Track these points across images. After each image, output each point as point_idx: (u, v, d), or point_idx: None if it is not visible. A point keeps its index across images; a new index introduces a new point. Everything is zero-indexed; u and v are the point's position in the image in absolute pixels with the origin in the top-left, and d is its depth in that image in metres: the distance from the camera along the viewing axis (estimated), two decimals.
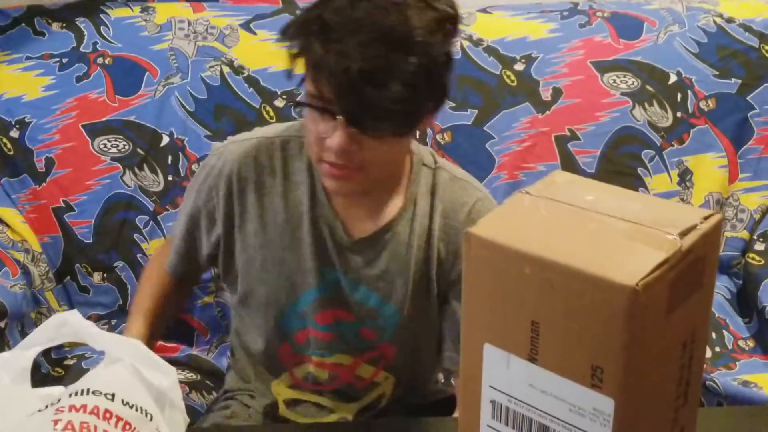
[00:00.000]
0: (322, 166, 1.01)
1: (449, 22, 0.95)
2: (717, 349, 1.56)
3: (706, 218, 0.56)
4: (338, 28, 0.91)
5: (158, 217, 1.62)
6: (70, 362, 1.51)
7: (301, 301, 1.12)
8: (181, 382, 1.52)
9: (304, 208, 1.09)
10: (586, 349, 0.54)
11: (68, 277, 1.63)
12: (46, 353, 1.50)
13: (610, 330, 0.52)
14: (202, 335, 1.61)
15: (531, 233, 0.57)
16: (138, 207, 1.62)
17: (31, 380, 0.72)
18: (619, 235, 0.55)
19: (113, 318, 1.63)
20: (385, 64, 0.89)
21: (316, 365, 1.17)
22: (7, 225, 1.58)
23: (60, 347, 1.56)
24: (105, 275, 1.63)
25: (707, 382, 1.39)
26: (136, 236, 1.62)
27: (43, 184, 1.62)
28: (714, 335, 1.58)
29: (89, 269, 1.62)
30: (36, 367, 1.55)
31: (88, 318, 1.63)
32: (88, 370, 1.47)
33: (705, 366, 1.51)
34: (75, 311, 0.72)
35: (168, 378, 0.69)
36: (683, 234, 0.54)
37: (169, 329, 1.41)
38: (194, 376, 1.55)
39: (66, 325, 0.71)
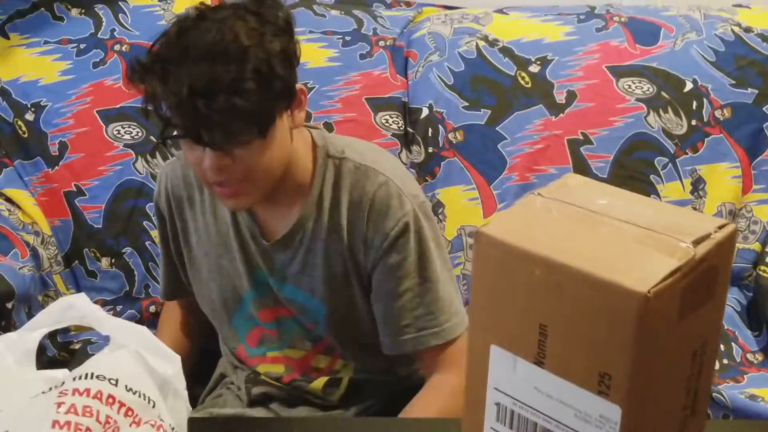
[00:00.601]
0: (214, 189, 1.06)
1: (275, 22, 1.00)
2: (725, 361, 1.55)
3: (720, 227, 0.56)
4: (169, 59, 0.96)
5: None
6: (76, 346, 1.51)
7: (243, 303, 1.20)
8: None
9: (228, 219, 1.16)
10: (594, 354, 0.53)
11: (76, 261, 1.63)
12: (52, 336, 1.50)
13: (619, 336, 0.52)
14: None
15: (542, 235, 0.57)
16: (148, 194, 1.62)
17: (37, 362, 0.72)
18: (631, 240, 0.55)
19: (119, 304, 1.64)
20: (210, 78, 0.94)
21: (271, 361, 1.23)
22: (18, 207, 1.58)
23: (66, 331, 1.57)
24: (113, 261, 1.63)
25: (714, 394, 1.38)
26: (145, 223, 1.63)
27: (56, 167, 1.62)
28: (722, 347, 1.57)
29: (98, 254, 1.63)
30: (42, 349, 1.55)
31: (95, 303, 1.63)
32: (93, 355, 1.49)
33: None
34: (82, 294, 0.71)
35: (173, 366, 0.69)
36: (697, 242, 0.54)
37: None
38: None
39: (72, 309, 0.70)
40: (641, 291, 0.50)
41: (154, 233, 1.62)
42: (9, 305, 1.32)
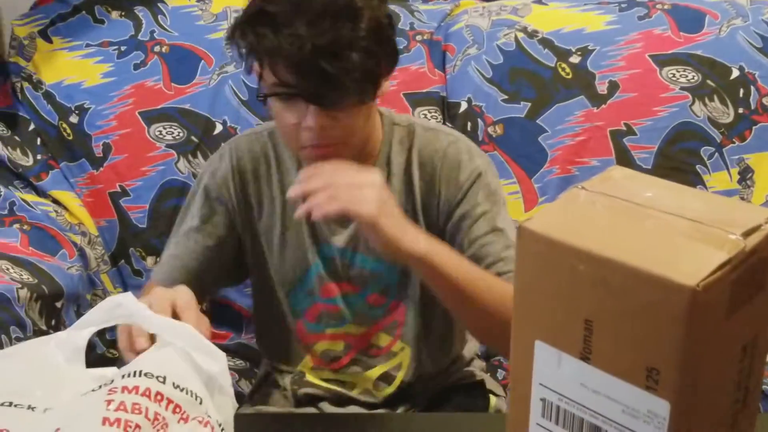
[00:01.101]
0: (305, 152, 1.05)
1: None
2: None
3: None
4: (283, 14, 0.95)
5: None
6: None
7: (306, 278, 1.19)
8: (230, 369, 1.55)
9: None
10: (642, 349, 0.52)
11: (123, 261, 1.66)
12: (101, 334, 1.53)
13: (667, 331, 0.51)
14: (251, 323, 1.63)
15: (586, 229, 0.56)
16: None
17: (86, 360, 0.73)
18: (678, 233, 0.54)
19: None
20: (336, 36, 0.94)
21: (330, 338, 1.22)
22: (65, 208, 1.62)
23: (114, 329, 1.59)
24: (158, 260, 1.65)
25: (764, 387, 1.35)
26: None
27: (101, 169, 1.65)
28: None
29: (143, 253, 1.65)
30: (91, 347, 1.58)
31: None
32: None
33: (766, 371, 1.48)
34: (129, 294, 0.72)
35: (218, 363, 0.70)
36: (747, 234, 0.52)
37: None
38: (243, 364, 1.57)
39: (120, 307, 0.71)
40: (690, 285, 0.49)
41: None
42: (58, 304, 1.35)
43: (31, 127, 1.66)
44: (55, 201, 1.62)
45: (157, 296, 0.83)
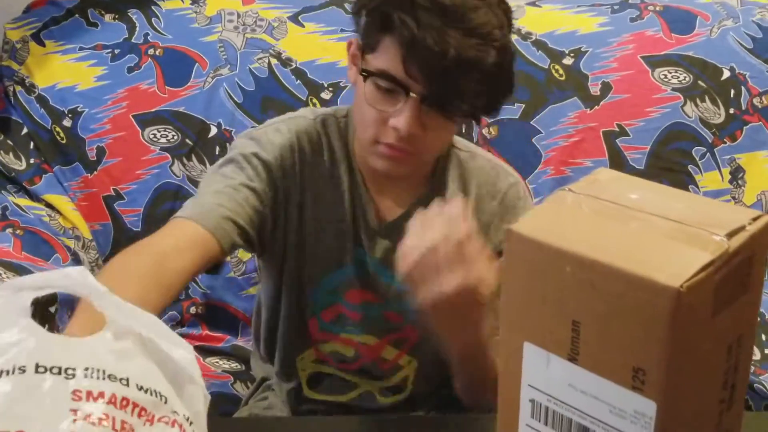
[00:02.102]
0: (378, 147, 1.02)
1: (510, 20, 1.03)
2: (766, 351, 1.53)
3: (754, 219, 0.55)
4: (429, 11, 0.94)
5: None
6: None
7: (334, 277, 1.15)
8: (225, 372, 1.55)
9: (345, 187, 1.11)
10: (628, 350, 0.53)
11: None
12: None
13: (652, 332, 0.51)
14: (247, 326, 1.63)
15: (573, 231, 0.56)
16: (185, 197, 1.62)
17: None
18: (663, 235, 0.54)
19: None
20: (476, 55, 0.95)
21: (343, 342, 1.19)
22: (59, 212, 1.61)
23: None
24: None
25: (755, 385, 1.36)
26: None
27: (95, 172, 1.65)
28: (764, 337, 1.54)
29: None
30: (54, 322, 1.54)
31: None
32: None
33: (754, 368, 1.48)
34: (83, 268, 0.62)
35: (186, 352, 0.64)
36: (730, 235, 0.53)
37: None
38: (239, 366, 1.57)
39: (67, 278, 0.62)
40: (674, 286, 0.49)
41: None
42: (52, 309, 1.35)
43: (24, 131, 1.65)
44: (49, 205, 1.62)
45: None
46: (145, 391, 0.62)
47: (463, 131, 1.64)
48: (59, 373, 0.59)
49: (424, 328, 1.14)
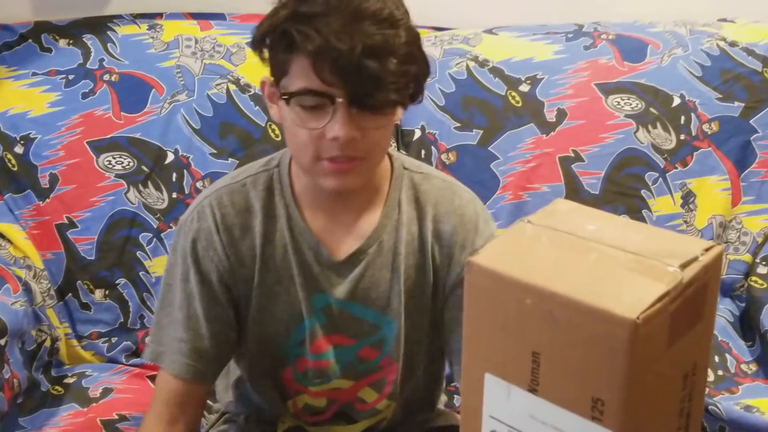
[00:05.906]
0: (323, 164, 1.00)
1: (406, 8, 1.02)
2: (719, 372, 1.55)
3: (707, 250, 0.56)
4: (325, 15, 0.94)
5: (161, 234, 1.62)
6: (70, 380, 1.50)
7: (295, 333, 1.12)
8: None
9: (286, 239, 1.08)
10: (587, 380, 0.54)
11: (70, 294, 1.62)
12: (45, 371, 1.49)
13: (610, 362, 0.52)
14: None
15: (532, 263, 0.57)
16: (141, 224, 1.62)
17: (32, 399, 0.68)
18: (620, 266, 0.55)
19: (114, 335, 1.63)
20: (383, 40, 0.94)
21: (313, 395, 1.16)
22: (9, 241, 1.58)
23: (60, 364, 1.56)
24: (107, 292, 1.63)
25: (709, 407, 1.38)
26: (138, 253, 1.62)
27: (47, 200, 1.62)
28: (717, 358, 1.57)
29: (91, 286, 1.62)
30: (36, 385, 1.54)
31: (89, 335, 1.63)
32: (88, 388, 1.46)
33: (708, 390, 1.51)
34: None
35: None
36: (684, 266, 0.54)
37: None
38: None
39: None
40: (630, 317, 0.50)
41: (148, 263, 1.62)
42: (2, 341, 1.32)
43: None
44: None
45: None
46: None
47: (422, 157, 1.65)
48: None
49: (400, 358, 1.13)
